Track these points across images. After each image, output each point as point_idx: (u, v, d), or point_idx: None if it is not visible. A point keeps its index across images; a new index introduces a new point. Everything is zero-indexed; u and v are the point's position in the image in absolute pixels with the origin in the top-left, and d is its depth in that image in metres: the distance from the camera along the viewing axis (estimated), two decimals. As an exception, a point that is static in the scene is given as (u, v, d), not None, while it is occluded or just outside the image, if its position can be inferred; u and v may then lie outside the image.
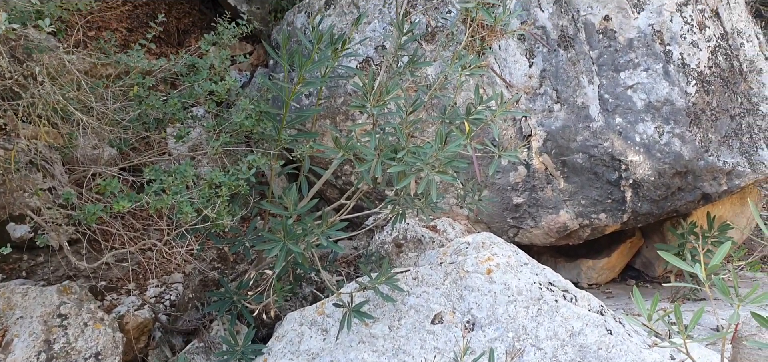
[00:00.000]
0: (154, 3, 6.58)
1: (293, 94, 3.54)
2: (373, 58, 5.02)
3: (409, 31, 3.63)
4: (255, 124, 3.76)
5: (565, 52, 4.72)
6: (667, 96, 4.51)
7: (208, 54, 4.28)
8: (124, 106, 3.78)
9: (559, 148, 4.70)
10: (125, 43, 5.95)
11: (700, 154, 4.50)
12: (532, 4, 4.85)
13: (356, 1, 5.28)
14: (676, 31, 4.59)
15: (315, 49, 3.46)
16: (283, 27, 5.72)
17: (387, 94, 3.23)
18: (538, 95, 4.75)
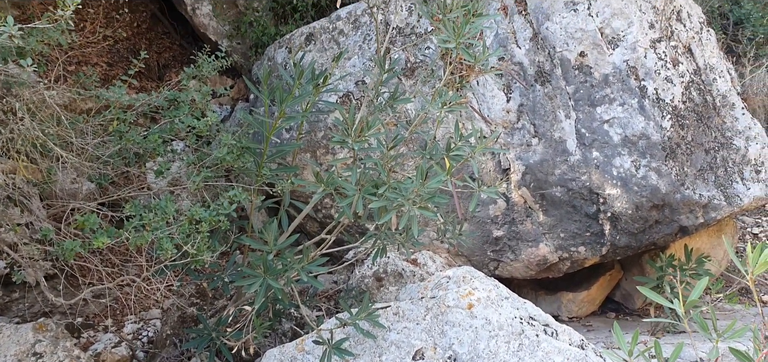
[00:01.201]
0: (134, 38, 6.59)
1: (274, 129, 3.56)
2: (353, 93, 5.07)
3: (390, 69, 3.68)
4: (236, 158, 3.76)
5: (542, 88, 4.81)
6: (642, 130, 4.60)
7: (189, 88, 4.29)
8: (104, 140, 3.76)
9: (538, 182, 4.76)
10: (105, 77, 5.93)
11: (676, 187, 4.58)
12: (508, 40, 4.95)
13: (337, 37, 5.34)
14: (650, 66, 4.70)
15: (296, 84, 3.49)
16: (263, 62, 5.76)
17: (368, 130, 3.25)
18: (516, 129, 4.82)
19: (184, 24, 6.97)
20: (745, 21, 6.68)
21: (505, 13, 5.06)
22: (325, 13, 6.27)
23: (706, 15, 5.77)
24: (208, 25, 6.53)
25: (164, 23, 7.07)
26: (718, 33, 6.14)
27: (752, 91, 5.55)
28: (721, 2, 6.69)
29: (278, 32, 6.27)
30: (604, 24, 4.76)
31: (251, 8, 6.58)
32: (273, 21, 6.58)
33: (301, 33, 5.53)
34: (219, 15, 6.53)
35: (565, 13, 4.81)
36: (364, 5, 5.30)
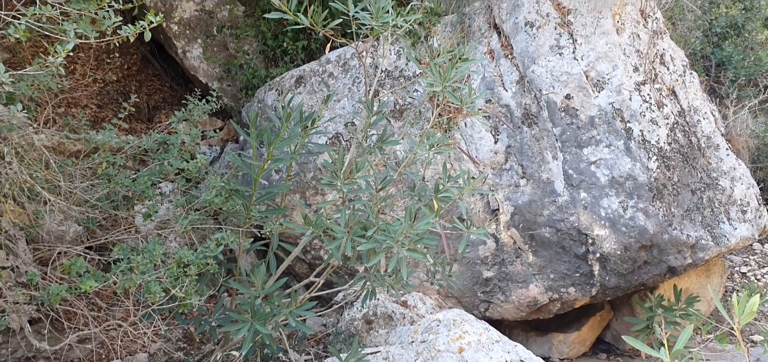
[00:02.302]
0: (125, 80, 6.62)
1: (262, 172, 3.56)
2: (342, 135, 5.10)
3: (379, 112, 3.71)
4: (224, 201, 3.75)
5: (529, 129, 4.86)
6: (629, 171, 4.65)
7: (179, 131, 4.30)
8: (93, 184, 3.74)
9: (527, 222, 4.77)
10: (95, 119, 5.94)
11: (664, 227, 4.61)
12: (495, 83, 5.02)
13: (326, 79, 5.40)
14: (635, 109, 4.77)
15: (284, 126, 3.51)
16: (253, 104, 5.79)
17: (357, 172, 3.26)
18: (504, 170, 4.85)
19: (174, 66, 7.02)
20: (726, 63, 6.82)
21: (491, 57, 5.15)
22: (314, 57, 6.34)
23: (688, 58, 5.89)
24: (199, 68, 6.58)
25: (155, 65, 7.12)
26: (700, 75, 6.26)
27: (736, 132, 5.63)
28: (703, 45, 6.83)
29: (268, 75, 6.32)
30: (590, 67, 4.84)
31: (242, 51, 6.65)
32: (263, 64, 6.65)
33: (291, 75, 5.58)
34: (209, 58, 6.59)
35: (551, 56, 4.90)
36: (353, 49, 5.37)
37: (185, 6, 6.55)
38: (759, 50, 6.90)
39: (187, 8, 6.56)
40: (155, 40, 6.68)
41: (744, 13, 7.24)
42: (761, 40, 7.03)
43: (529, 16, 5.05)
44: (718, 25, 7.05)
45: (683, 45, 6.15)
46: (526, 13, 5.07)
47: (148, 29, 2.91)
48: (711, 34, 7.11)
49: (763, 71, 6.76)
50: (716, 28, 7.06)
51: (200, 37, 6.60)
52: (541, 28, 5.00)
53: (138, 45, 6.76)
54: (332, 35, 3.45)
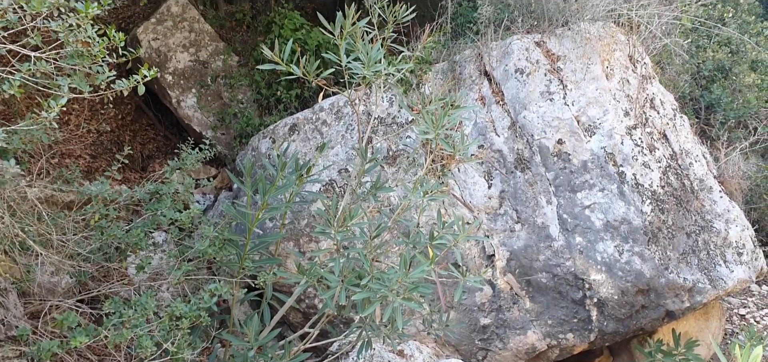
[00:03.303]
0: (119, 130, 6.64)
1: (256, 221, 3.55)
2: (336, 181, 5.10)
3: (373, 159, 3.72)
4: (218, 251, 3.72)
5: (522, 174, 4.88)
6: (623, 215, 4.65)
7: (172, 180, 4.29)
8: (86, 236, 3.71)
9: (523, 268, 4.75)
10: (89, 169, 5.93)
11: (660, 271, 4.59)
12: (487, 129, 5.06)
13: (320, 127, 5.42)
14: (627, 153, 4.80)
15: (280, 174, 3.51)
16: (247, 152, 5.80)
17: (350, 219, 3.25)
18: (498, 215, 4.85)
19: (168, 115, 7.05)
20: (715, 105, 6.91)
21: (482, 103, 5.19)
22: (308, 104, 6.39)
23: (678, 101, 5.96)
24: (193, 117, 6.61)
25: (149, 115, 7.14)
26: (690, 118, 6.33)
27: (728, 174, 5.67)
28: (692, 88, 6.93)
29: (262, 123, 6.35)
30: (580, 112, 4.89)
31: (236, 100, 6.69)
32: (257, 112, 6.69)
33: (285, 123, 5.61)
34: (204, 107, 6.62)
35: (542, 102, 4.95)
36: (346, 97, 5.42)
37: (179, 56, 6.62)
38: (747, 92, 7.00)
39: (182, 59, 6.63)
40: (149, 90, 6.72)
41: (730, 57, 7.37)
42: (749, 82, 7.14)
43: (519, 63, 5.12)
44: (705, 69, 7.16)
45: (672, 88, 6.23)
46: (515, 60, 5.14)
47: (142, 83, 2.93)
48: (699, 77, 7.22)
49: (752, 113, 6.84)
50: (704, 71, 7.18)
51: (194, 87, 6.65)
52: (531, 74, 5.06)
53: (132, 95, 6.80)
54: (325, 85, 3.48)
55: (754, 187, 6.00)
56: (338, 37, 3.27)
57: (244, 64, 7.02)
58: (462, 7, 6.51)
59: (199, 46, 6.76)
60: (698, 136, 5.96)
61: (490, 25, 5.53)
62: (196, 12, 6.88)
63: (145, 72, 2.91)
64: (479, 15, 5.64)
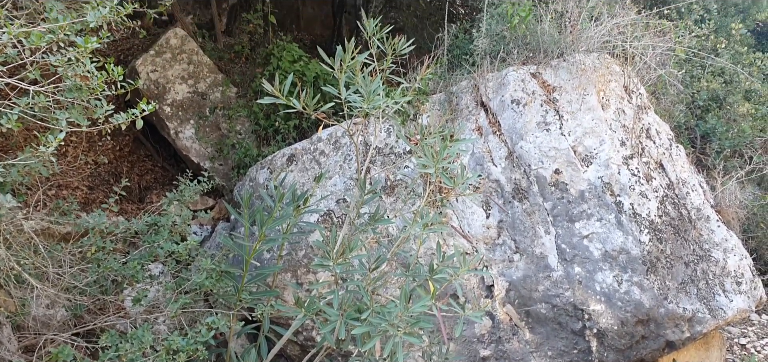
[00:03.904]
0: (117, 161, 6.63)
1: (253, 253, 3.53)
2: (334, 211, 5.09)
3: (372, 190, 3.72)
4: (215, 283, 3.70)
5: (520, 204, 4.88)
6: (622, 245, 4.65)
7: (170, 212, 4.28)
8: (82, 268, 3.69)
9: (522, 298, 4.73)
10: (86, 201, 5.91)
11: (659, 301, 4.57)
12: (485, 159, 5.07)
13: (318, 157, 5.43)
14: (624, 182, 4.81)
15: (277, 206, 3.50)
16: (245, 183, 5.80)
17: (349, 251, 3.24)
18: (497, 245, 4.84)
19: (166, 146, 7.06)
20: (711, 135, 6.95)
21: (479, 134, 5.22)
22: (306, 135, 6.41)
23: (673, 131, 6.00)
24: (191, 148, 6.62)
25: (147, 146, 7.15)
26: (686, 147, 6.37)
27: (725, 203, 5.68)
28: (687, 117, 6.98)
29: (260, 153, 6.36)
30: (577, 142, 4.91)
31: (234, 131, 6.71)
32: (255, 143, 6.70)
33: (283, 154, 5.61)
34: (202, 138, 6.64)
35: (538, 132, 4.97)
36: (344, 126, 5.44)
37: (178, 88, 6.65)
38: (742, 122, 7.05)
39: (180, 90, 6.66)
40: (148, 121, 6.74)
41: (724, 87, 7.43)
42: (743, 112, 7.19)
43: (515, 94, 5.16)
44: (700, 99, 7.22)
45: (668, 118, 6.28)
46: (511, 91, 5.17)
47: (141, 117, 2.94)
48: (694, 107, 7.28)
49: (747, 142, 6.88)
50: (699, 101, 7.24)
51: (193, 118, 6.67)
52: (528, 105, 5.09)
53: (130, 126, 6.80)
54: (324, 117, 3.49)
55: (751, 216, 6.01)
56: (338, 71, 3.29)
57: (242, 95, 7.06)
58: (458, 38, 6.58)
59: (197, 77, 6.80)
60: (694, 165, 5.98)
61: (486, 56, 5.58)
62: (195, 44, 6.93)
63: (143, 106, 2.92)
64: (475, 47, 5.70)
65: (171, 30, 6.85)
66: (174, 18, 7.15)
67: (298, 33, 9.53)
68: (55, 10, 2.85)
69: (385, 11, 10.95)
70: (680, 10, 8.47)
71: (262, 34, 8.11)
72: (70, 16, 2.84)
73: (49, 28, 2.70)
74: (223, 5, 8.10)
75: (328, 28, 10.96)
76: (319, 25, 11.25)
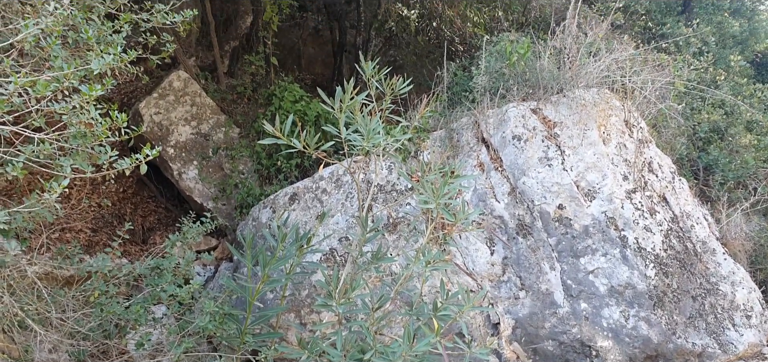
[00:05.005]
0: (120, 203, 6.65)
1: (257, 294, 3.52)
2: (337, 250, 5.07)
3: (374, 229, 3.72)
4: (218, 326, 3.68)
5: (524, 240, 4.86)
6: (627, 280, 4.61)
7: (173, 254, 4.27)
8: (86, 312, 3.67)
9: (529, 336, 4.68)
10: (89, 243, 5.91)
11: (668, 336, 4.52)
12: (487, 195, 5.07)
13: (320, 195, 5.44)
14: (628, 217, 4.80)
15: (279, 246, 3.49)
16: (248, 222, 5.80)
17: (352, 291, 3.22)
18: (502, 282, 4.81)
19: (169, 187, 7.09)
20: (713, 166, 6.94)
21: (481, 170, 5.23)
22: (308, 173, 6.43)
23: (675, 163, 6.00)
24: (194, 188, 6.64)
25: (150, 187, 7.18)
26: (689, 179, 6.35)
27: (730, 236, 5.65)
28: (689, 150, 6.98)
29: (263, 192, 6.38)
30: (579, 177, 4.92)
31: (237, 171, 6.74)
32: (258, 182, 6.73)
33: (285, 193, 5.63)
34: (205, 178, 6.66)
35: (540, 168, 4.98)
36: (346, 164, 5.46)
37: (181, 130, 6.70)
38: (744, 153, 7.05)
39: (183, 132, 6.71)
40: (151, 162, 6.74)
41: (726, 118, 7.45)
42: (745, 143, 7.19)
43: (516, 130, 5.18)
44: (701, 131, 7.23)
45: (669, 151, 6.28)
46: (512, 128, 5.20)
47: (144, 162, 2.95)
48: (695, 139, 7.28)
49: (750, 173, 6.86)
50: (700, 133, 7.24)
51: (196, 159, 6.71)
52: (529, 141, 5.11)
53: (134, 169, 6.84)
54: (325, 157, 3.50)
55: (758, 248, 5.96)
56: (338, 111, 3.31)
57: (245, 135, 7.11)
58: (458, 76, 6.64)
59: (200, 119, 6.86)
60: (698, 197, 5.97)
61: (486, 93, 5.63)
62: (198, 86, 7.01)
63: (147, 151, 2.94)
64: (475, 84, 5.74)
65: (174, 72, 6.93)
66: (177, 60, 7.25)
67: (299, 73, 9.64)
68: (60, 58, 2.88)
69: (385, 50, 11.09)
70: (678, 44, 8.55)
71: (263, 74, 8.21)
72: (74, 64, 2.87)
73: (55, 76, 2.73)
74: (225, 47, 8.21)
75: (328, 68, 11.09)
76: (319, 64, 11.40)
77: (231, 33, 8.22)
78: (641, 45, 7.85)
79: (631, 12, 9.51)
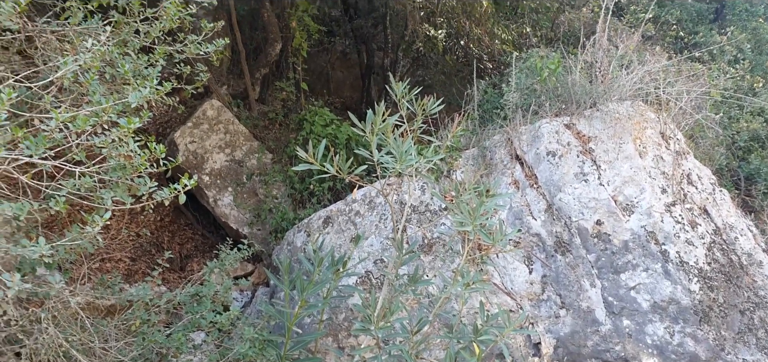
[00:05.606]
0: (158, 232, 6.76)
1: (295, 319, 3.52)
2: (372, 272, 5.06)
3: (410, 250, 3.70)
4: (258, 352, 3.69)
5: (563, 258, 4.78)
6: (671, 295, 4.49)
7: (211, 281, 4.31)
8: (128, 342, 3.72)
9: (571, 355, 4.58)
10: (129, 272, 6.01)
11: (716, 352, 4.38)
12: (523, 213, 5.01)
13: (353, 218, 5.45)
14: (668, 230, 4.69)
15: (316, 270, 3.50)
16: (283, 247, 5.83)
17: (390, 314, 3.20)
18: (542, 301, 4.73)
19: (206, 214, 7.18)
20: (755, 176, 6.74)
21: (516, 187, 5.17)
22: (340, 196, 6.46)
23: (715, 174, 5.85)
24: (230, 215, 6.72)
25: (187, 215, 7.29)
26: (730, 190, 6.18)
27: (777, 247, 5.47)
28: (729, 160, 6.80)
29: (297, 216, 6.43)
30: (617, 192, 4.83)
31: (270, 196, 6.80)
32: (291, 206, 6.78)
33: (319, 216, 5.65)
34: (240, 204, 6.74)
35: (577, 184, 4.91)
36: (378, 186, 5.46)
37: (216, 157, 6.80)
38: (787, 160, 6.83)
39: (218, 159, 6.81)
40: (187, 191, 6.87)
41: (765, 126, 7.24)
42: (788, 150, 6.98)
43: (550, 146, 5.12)
44: (740, 140, 7.05)
45: (708, 162, 6.13)
46: (546, 144, 5.14)
47: (183, 192, 3.00)
48: (735, 148, 7.10)
49: (795, 181, 6.65)
50: (739, 142, 7.06)
51: (230, 186, 6.79)
52: (564, 156, 5.05)
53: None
54: (357, 180, 3.51)
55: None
56: (370, 134, 3.32)
57: (277, 160, 7.18)
58: (488, 93, 6.61)
59: (234, 146, 6.95)
60: (740, 208, 5.80)
61: (517, 110, 5.59)
62: (231, 114, 7.12)
63: (186, 181, 2.98)
64: (506, 101, 5.71)
65: (207, 101, 7.06)
66: (210, 90, 7.38)
67: (328, 97, 9.73)
68: (98, 93, 2.96)
69: (413, 70, 11.14)
70: (712, 52, 8.38)
71: (294, 100, 8.30)
72: (112, 98, 2.94)
73: (93, 110, 2.80)
74: (256, 75, 8.34)
75: (357, 90, 11.18)
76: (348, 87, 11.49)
77: (261, 60, 8.35)
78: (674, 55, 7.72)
79: (662, 22, 9.37)
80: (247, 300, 6.27)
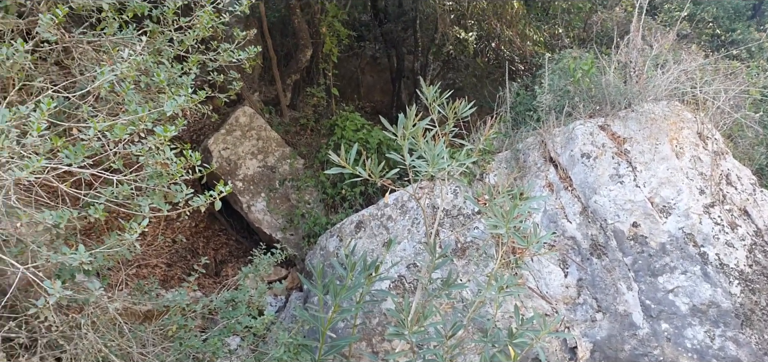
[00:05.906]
0: (193, 237, 6.87)
1: (329, 324, 3.54)
2: (405, 277, 5.05)
3: (444, 254, 3.68)
4: (293, 357, 3.72)
5: (598, 261, 4.71)
6: (710, 298, 4.38)
7: (246, 286, 4.36)
8: (165, 347, 3.78)
9: (608, 359, 4.50)
10: (165, 278, 6.12)
11: (759, 357, 4.25)
12: (558, 215, 4.95)
13: (385, 222, 5.45)
14: (707, 232, 4.58)
15: (349, 275, 3.51)
16: (316, 251, 5.86)
17: (424, 318, 3.19)
18: (577, 305, 4.66)
19: (239, 220, 7.27)
20: (798, 175, 6.55)
21: (550, 190, 5.11)
22: (372, 200, 6.47)
23: (755, 174, 5.69)
24: (263, 220, 6.79)
25: (221, 221, 7.39)
26: (772, 190, 6.00)
27: (823, 248, 5.29)
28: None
29: (329, 221, 6.46)
30: (653, 193, 4.73)
31: (303, 201, 6.85)
32: (324, 211, 6.82)
33: (351, 221, 5.67)
34: (273, 209, 6.80)
35: (612, 185, 4.83)
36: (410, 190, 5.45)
37: (248, 163, 6.88)
38: (831, 158, 6.61)
39: (251, 165, 6.89)
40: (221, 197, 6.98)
41: (808, 124, 7.03)
42: (831, 148, 6.75)
43: (585, 148, 5.05)
44: (782, 137, 6.86)
45: (748, 162, 5.97)
46: (581, 145, 5.07)
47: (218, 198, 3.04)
48: (776, 147, 6.90)
49: (839, 180, 6.42)
50: (781, 140, 6.87)
51: (263, 191, 6.87)
52: (598, 158, 4.97)
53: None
54: (389, 184, 3.51)
55: None
56: (401, 138, 3.32)
57: (309, 165, 7.24)
58: (520, 95, 6.55)
59: (266, 152, 7.03)
60: (783, 208, 5.62)
61: (551, 112, 5.52)
62: (263, 120, 7.20)
63: (221, 187, 3.02)
64: (539, 103, 5.65)
65: (240, 108, 7.15)
66: (242, 97, 7.48)
67: (359, 101, 9.76)
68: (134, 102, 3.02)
69: (443, 73, 11.11)
70: (750, 50, 8.17)
71: (325, 105, 8.36)
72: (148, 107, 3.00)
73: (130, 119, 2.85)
74: (287, 81, 8.42)
75: (387, 94, 11.19)
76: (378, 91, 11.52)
77: (292, 67, 8.43)
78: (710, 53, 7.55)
79: (698, 20, 9.17)
80: (281, 304, 6.32)
